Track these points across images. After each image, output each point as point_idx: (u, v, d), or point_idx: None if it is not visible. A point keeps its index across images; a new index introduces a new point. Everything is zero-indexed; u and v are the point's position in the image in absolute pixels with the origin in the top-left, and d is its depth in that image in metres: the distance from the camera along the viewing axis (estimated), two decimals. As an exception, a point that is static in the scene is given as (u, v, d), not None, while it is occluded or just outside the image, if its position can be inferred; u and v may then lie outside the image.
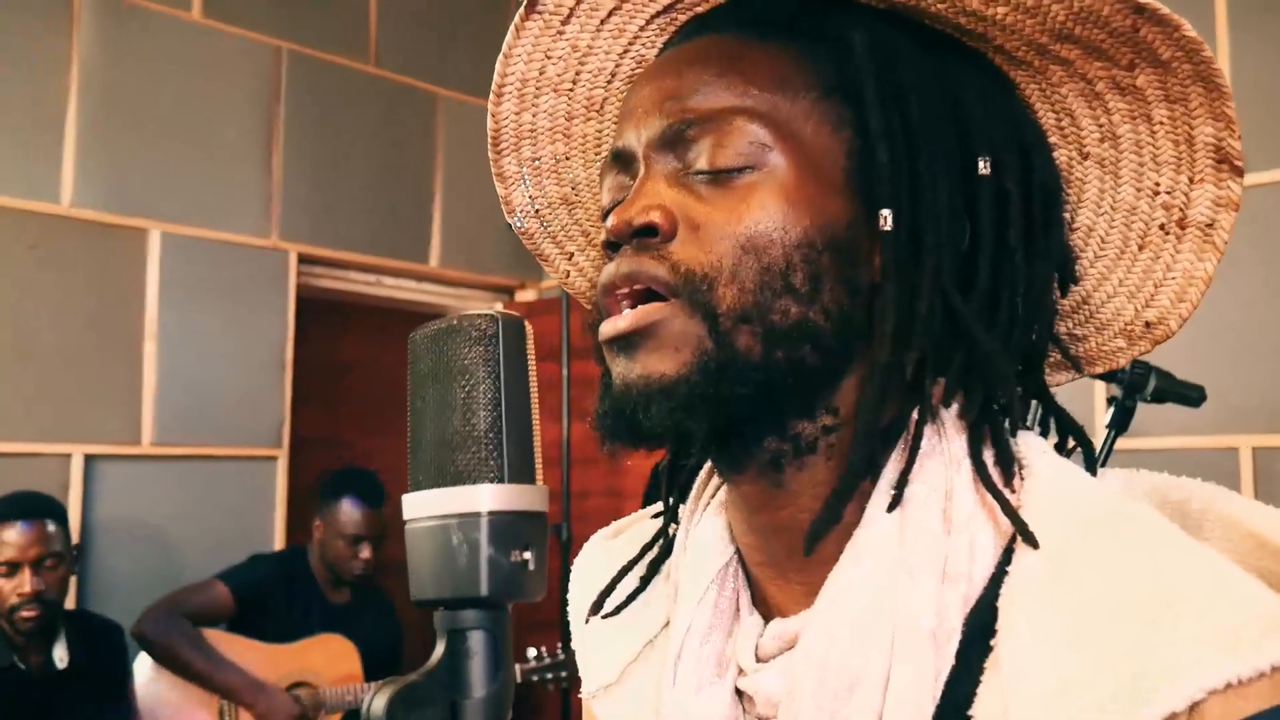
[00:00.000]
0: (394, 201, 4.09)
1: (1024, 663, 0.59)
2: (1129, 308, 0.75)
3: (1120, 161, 0.71)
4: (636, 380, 0.65)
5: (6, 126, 3.18)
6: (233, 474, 3.59)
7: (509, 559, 0.54)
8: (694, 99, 0.67)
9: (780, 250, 0.64)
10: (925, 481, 0.65)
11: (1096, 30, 0.65)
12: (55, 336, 3.24)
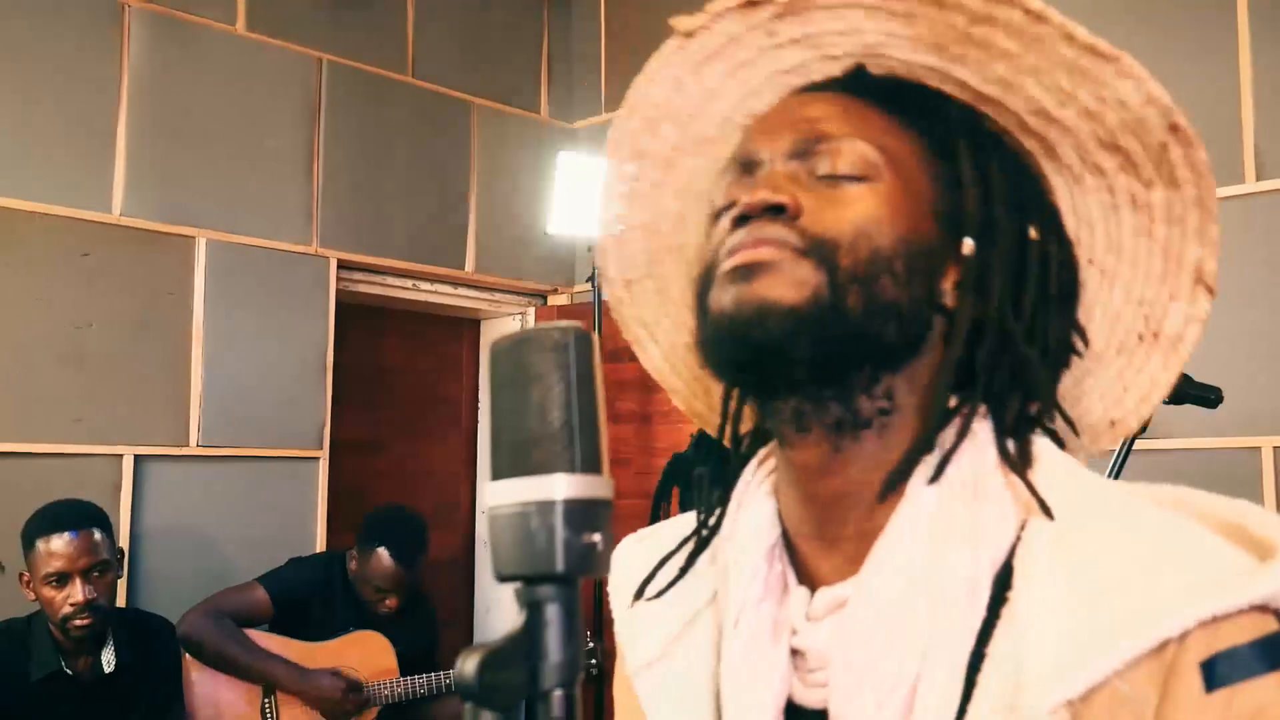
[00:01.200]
0: (430, 209, 4.19)
1: (1033, 611, 0.68)
2: (1098, 407, 0.84)
3: (1118, 272, 0.81)
4: (751, 299, 0.73)
5: (60, 138, 3.30)
6: (276, 474, 3.69)
7: (581, 540, 0.62)
8: (822, 124, 0.78)
9: (887, 240, 0.74)
10: (958, 463, 0.74)
11: (1135, 143, 0.75)
12: (106, 341, 3.35)
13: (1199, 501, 0.73)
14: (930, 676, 0.70)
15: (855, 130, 0.77)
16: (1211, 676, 0.64)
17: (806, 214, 0.74)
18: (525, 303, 4.63)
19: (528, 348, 0.65)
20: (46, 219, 3.25)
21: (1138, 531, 0.69)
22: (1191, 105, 2.59)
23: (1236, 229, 3.05)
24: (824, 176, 0.76)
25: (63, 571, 2.70)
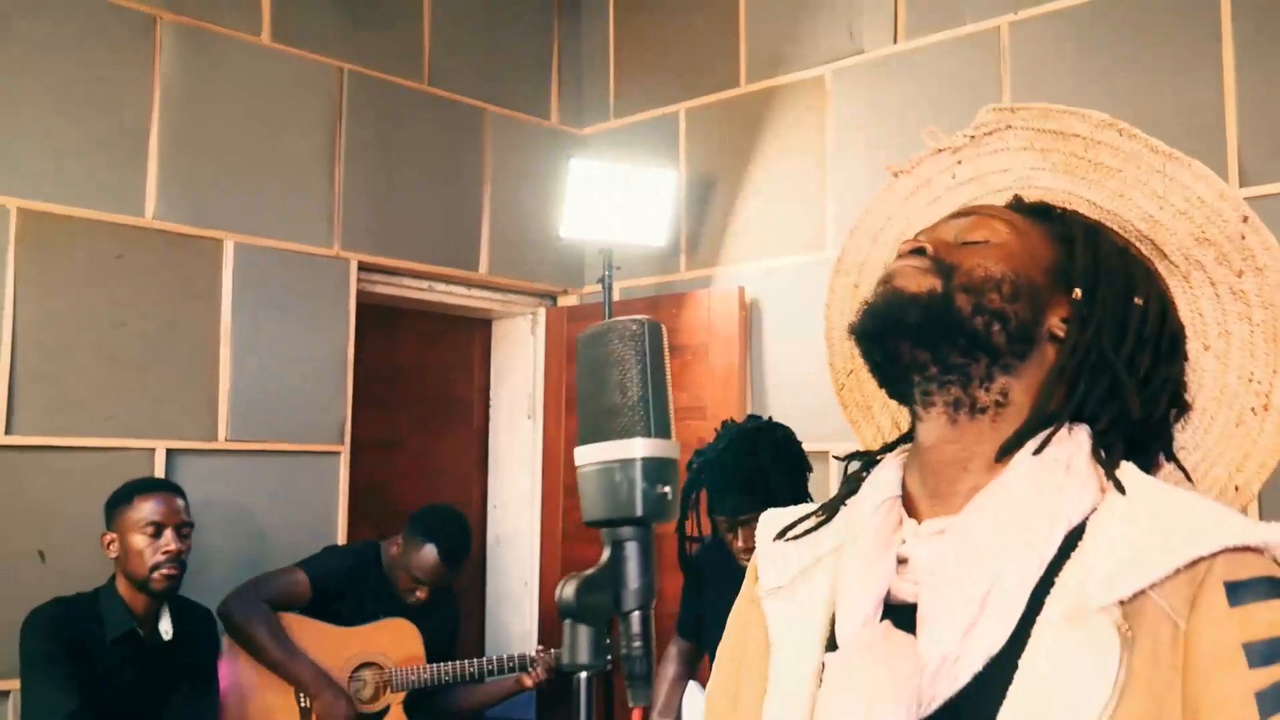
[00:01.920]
0: (446, 212, 4.34)
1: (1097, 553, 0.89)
2: (1224, 474, 1.03)
3: (1229, 354, 1.00)
4: (886, 291, 1.00)
5: (95, 145, 3.44)
6: (300, 468, 3.84)
7: (655, 490, 0.77)
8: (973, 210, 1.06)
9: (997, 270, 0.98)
10: (1057, 445, 0.95)
11: (1220, 234, 0.97)
12: (139, 340, 3.49)
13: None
14: (1000, 589, 0.89)
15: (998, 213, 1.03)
16: (1235, 595, 0.83)
17: (943, 252, 0.99)
18: (536, 303, 4.78)
19: (610, 336, 0.80)
20: (82, 222, 3.40)
21: (1184, 497, 0.91)
22: (1178, 115, 2.81)
23: (1220, 234, 3.20)
24: (964, 241, 1.01)
25: (159, 523, 2.99)
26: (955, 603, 0.90)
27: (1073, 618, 0.85)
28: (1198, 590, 0.83)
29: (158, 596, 3.03)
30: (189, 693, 3.12)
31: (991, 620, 0.89)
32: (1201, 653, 0.82)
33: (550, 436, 4.66)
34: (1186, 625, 0.83)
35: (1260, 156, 3.16)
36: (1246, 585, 0.83)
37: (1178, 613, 0.83)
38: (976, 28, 3.69)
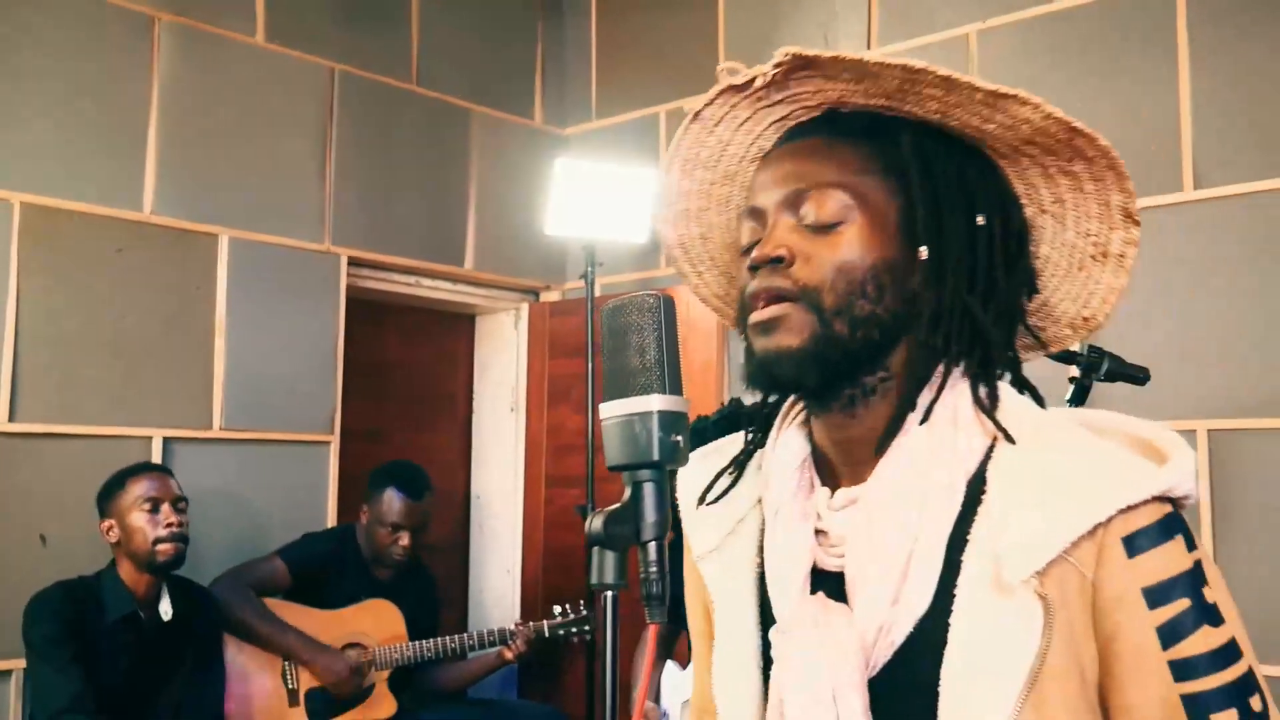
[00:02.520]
0: (432, 209, 4.46)
1: (1002, 505, 0.98)
2: (1073, 308, 1.14)
3: (1065, 216, 1.10)
4: (772, 348, 1.03)
5: (96, 142, 3.55)
6: (291, 456, 3.95)
7: (670, 438, 0.91)
8: (806, 178, 1.06)
9: (859, 272, 1.03)
10: (944, 406, 1.04)
11: (1049, 139, 1.03)
12: (138, 331, 3.60)
13: (1122, 423, 1.03)
14: (919, 551, 1.00)
15: (832, 175, 1.05)
16: (1130, 548, 0.94)
17: (799, 263, 1.03)
18: (519, 299, 4.91)
19: (630, 308, 0.94)
20: (84, 217, 3.50)
21: (1076, 451, 0.99)
22: (1136, 121, 3.00)
23: (1176, 232, 3.37)
24: (810, 225, 1.05)
25: (156, 499, 3.09)
26: (879, 571, 1.00)
27: (997, 585, 0.96)
28: (1100, 547, 0.94)
29: (163, 571, 3.11)
30: (192, 672, 3.21)
31: (915, 583, 0.99)
32: (1107, 599, 0.94)
33: (533, 429, 4.79)
34: (1093, 575, 0.94)
35: (1213, 161, 3.32)
36: (1140, 534, 0.94)
37: (1085, 565, 0.94)
38: (947, 35, 3.85)
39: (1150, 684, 0.93)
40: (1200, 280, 3.32)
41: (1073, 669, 0.94)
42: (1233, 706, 0.92)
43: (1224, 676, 0.92)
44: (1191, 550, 0.95)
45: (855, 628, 1.00)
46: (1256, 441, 3.21)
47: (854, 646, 1.00)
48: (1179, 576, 0.94)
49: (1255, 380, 3.22)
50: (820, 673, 1.01)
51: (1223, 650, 0.93)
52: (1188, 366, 3.31)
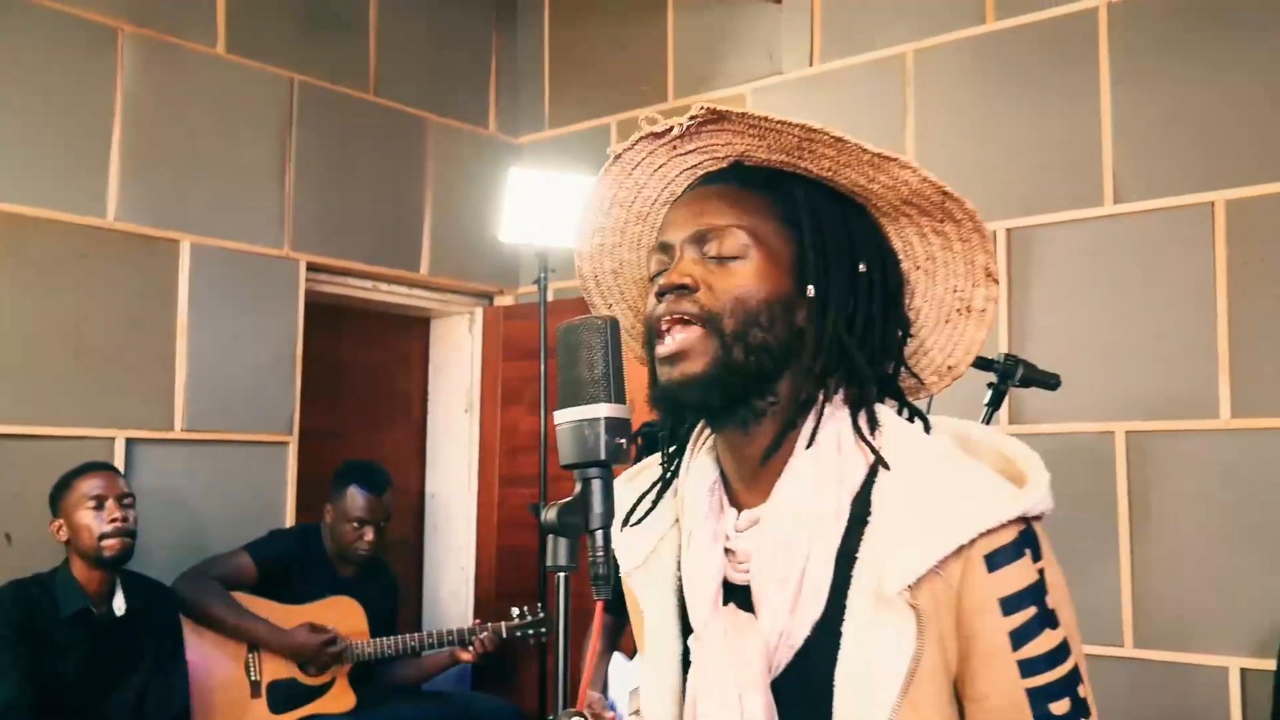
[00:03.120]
0: (389, 216, 4.58)
1: (884, 525, 1.13)
2: (940, 357, 1.30)
3: (936, 272, 1.26)
4: (678, 377, 1.16)
5: (61, 150, 3.63)
6: (251, 457, 4.06)
7: (614, 440, 1.05)
8: (711, 218, 1.20)
9: (755, 303, 1.16)
10: (827, 430, 1.18)
11: (924, 201, 1.18)
12: (101, 334, 3.69)
13: (992, 441, 1.19)
14: (811, 567, 1.14)
15: (734, 218, 1.19)
16: (990, 564, 1.09)
17: (702, 290, 1.17)
18: (473, 303, 5.04)
19: (581, 327, 1.09)
20: (49, 223, 3.59)
21: (946, 477, 1.14)
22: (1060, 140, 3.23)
23: (1098, 245, 3.57)
24: (713, 258, 1.18)
25: (101, 496, 3.18)
26: (778, 585, 1.15)
27: (879, 598, 1.10)
28: (964, 563, 1.09)
29: (111, 566, 3.19)
30: (154, 666, 3.30)
31: (809, 595, 1.14)
32: (969, 607, 1.09)
33: (486, 430, 4.92)
34: (958, 586, 1.09)
35: (1132, 177, 3.53)
36: (999, 552, 1.09)
37: (952, 578, 1.09)
38: (884, 53, 4.03)
39: (1001, 679, 1.09)
40: (1120, 290, 3.52)
41: (940, 668, 1.10)
42: (1066, 696, 1.08)
43: (1059, 672, 1.08)
44: (1037, 562, 1.10)
45: (759, 635, 1.15)
46: (1170, 442, 3.41)
47: (758, 652, 1.14)
48: (1028, 588, 1.09)
49: (1170, 385, 3.42)
50: (728, 675, 1.15)
51: (1058, 649, 1.09)
52: (1107, 372, 3.51)
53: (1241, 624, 3.21)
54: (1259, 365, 3.29)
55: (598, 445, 1.05)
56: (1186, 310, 3.40)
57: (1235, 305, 3.33)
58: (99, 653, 3.20)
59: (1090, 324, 3.56)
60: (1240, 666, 3.22)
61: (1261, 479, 3.25)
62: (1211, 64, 3.42)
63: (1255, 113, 3.35)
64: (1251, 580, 3.23)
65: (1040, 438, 3.58)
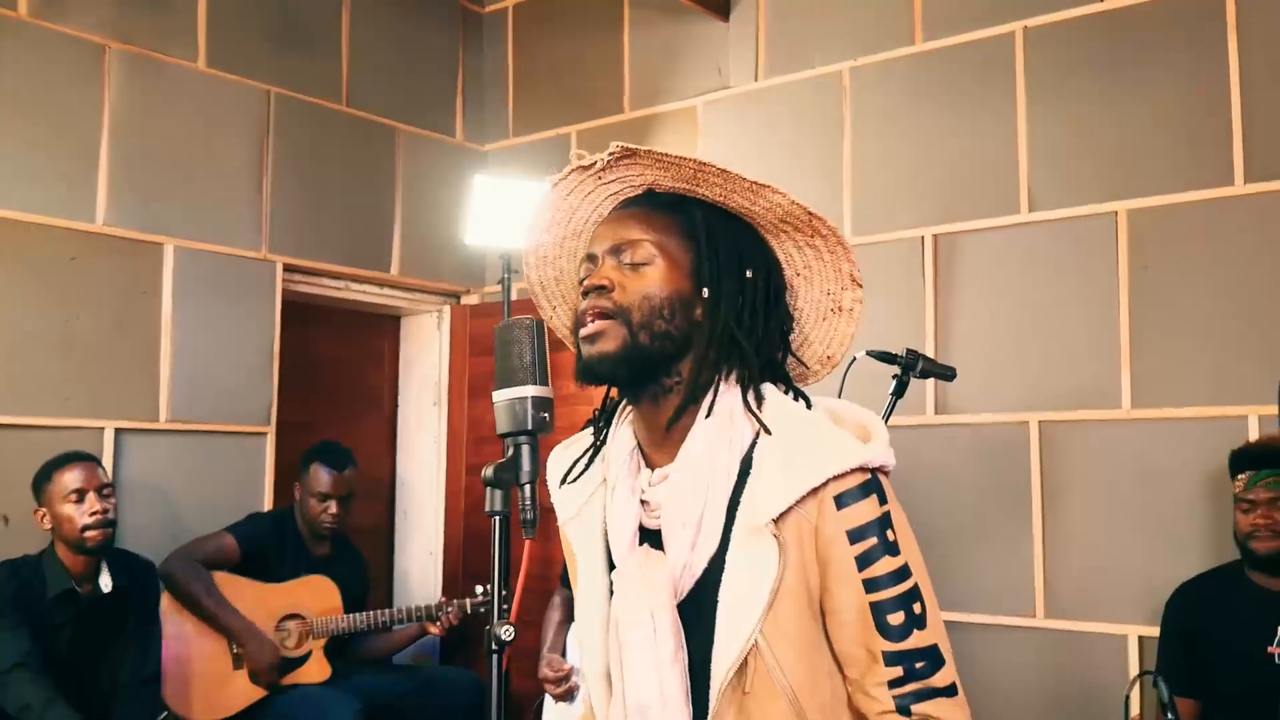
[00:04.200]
0: (361, 219, 4.86)
1: (761, 479, 1.42)
2: (820, 349, 1.61)
3: (812, 278, 1.56)
4: (595, 354, 1.45)
5: (51, 158, 3.89)
6: (231, 446, 4.33)
7: (540, 414, 1.35)
8: (626, 233, 1.49)
9: (659, 299, 1.45)
10: (721, 404, 1.47)
11: (796, 220, 1.48)
12: (91, 332, 3.95)
13: (854, 413, 1.49)
14: (708, 512, 1.44)
15: (644, 233, 1.48)
16: (839, 503, 1.39)
17: (616, 289, 1.45)
18: (441, 302, 5.31)
19: (514, 326, 1.38)
20: (41, 228, 3.85)
21: (809, 438, 1.43)
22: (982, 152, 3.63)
23: (1015, 250, 3.88)
24: (628, 264, 1.47)
25: (81, 489, 3.40)
26: (681, 527, 1.44)
27: (752, 531, 1.40)
28: (819, 503, 1.38)
29: (93, 554, 3.44)
30: (130, 640, 3.55)
31: (706, 534, 1.43)
32: (824, 539, 1.38)
33: (454, 421, 5.21)
34: (815, 522, 1.38)
35: (1045, 187, 3.84)
36: (846, 494, 1.38)
37: (809, 517, 1.38)
38: (823, 70, 4.34)
39: (850, 596, 1.39)
40: (1034, 291, 3.84)
41: (800, 589, 1.39)
42: (902, 610, 1.38)
43: (897, 590, 1.38)
44: (882, 505, 1.40)
45: (667, 567, 1.44)
46: (1078, 431, 3.73)
47: (666, 580, 1.44)
48: (871, 522, 1.39)
49: (1079, 378, 3.74)
50: (643, 600, 1.45)
51: (897, 573, 1.39)
52: (1022, 366, 3.83)
53: (1139, 596, 3.53)
54: (1155, 361, 3.61)
55: (526, 418, 1.35)
56: (1092, 310, 3.72)
57: (1135, 306, 3.65)
58: (85, 628, 3.45)
59: (1007, 322, 3.87)
60: (1138, 634, 3.54)
61: (1158, 464, 3.57)
62: (1115, 84, 3.74)
63: (1154, 129, 3.67)
64: (1148, 556, 3.55)
65: (963, 428, 3.90)
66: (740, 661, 1.38)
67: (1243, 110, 3.52)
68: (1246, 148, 3.51)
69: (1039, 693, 3.72)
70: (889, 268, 4.09)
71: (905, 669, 1.37)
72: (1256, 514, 3.07)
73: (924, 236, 4.05)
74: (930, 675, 1.38)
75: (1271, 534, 3.05)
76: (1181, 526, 3.51)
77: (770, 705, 1.38)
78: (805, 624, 1.39)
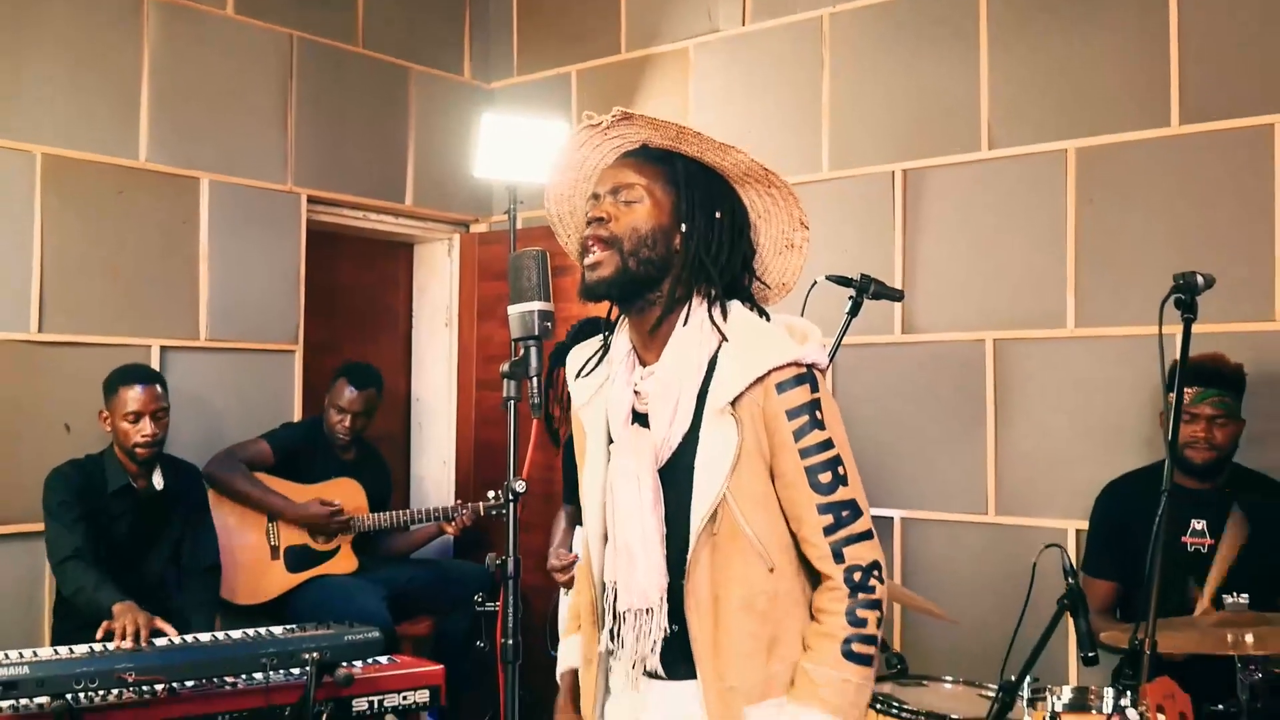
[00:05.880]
0: (378, 154, 5.24)
1: (722, 373, 1.85)
2: (779, 276, 2.03)
3: (770, 220, 1.98)
4: (595, 278, 1.87)
5: (99, 103, 4.27)
6: (263, 362, 4.76)
7: (545, 323, 1.77)
8: (623, 178, 1.90)
9: (645, 230, 1.87)
10: (695, 316, 1.90)
11: (756, 173, 1.90)
12: (138, 259, 4.36)
13: (803, 326, 1.91)
14: (682, 399, 1.87)
15: (636, 178, 1.89)
16: (779, 389, 1.82)
17: (612, 220, 1.87)
18: (452, 230, 5.71)
19: (524, 255, 1.79)
20: (91, 165, 4.24)
21: (758, 340, 1.85)
22: (944, 92, 4.08)
23: (973, 183, 4.27)
24: (623, 201, 1.89)
25: (139, 411, 3.80)
26: (663, 410, 1.86)
27: (717, 412, 1.82)
28: (764, 389, 1.81)
29: (142, 464, 3.87)
30: (182, 529, 4.00)
31: (680, 415, 1.85)
32: (769, 417, 1.81)
33: (464, 341, 5.64)
34: (762, 404, 1.81)
35: (1002, 127, 4.22)
36: (784, 382, 1.81)
37: (757, 400, 1.81)
38: (804, 16, 4.68)
39: (790, 461, 1.82)
40: (991, 222, 4.23)
41: (756, 455, 1.82)
42: (829, 471, 1.82)
43: (824, 456, 1.82)
44: (814, 392, 1.83)
45: (651, 441, 1.88)
46: (1028, 347, 4.13)
47: (650, 450, 1.88)
48: (804, 404, 1.82)
49: (1029, 301, 4.14)
50: (631, 465, 1.89)
51: (824, 443, 1.82)
52: (980, 290, 4.23)
53: (1078, 494, 3.94)
54: (1098, 285, 4.00)
55: (533, 325, 1.78)
56: (1042, 239, 4.11)
57: (1080, 236, 4.04)
58: (140, 520, 3.89)
59: (967, 250, 4.27)
60: (1075, 527, 3.98)
61: (1098, 377, 3.98)
62: (1069, 32, 4.09)
63: (1102, 75, 4.03)
64: (1085, 458, 3.97)
65: (926, 345, 4.32)
66: (713, 510, 1.81)
67: (1179, 58, 3.88)
68: (1182, 92, 3.87)
69: (989, 580, 4.17)
70: (863, 200, 4.47)
71: (835, 517, 1.81)
72: (1198, 426, 3.35)
73: (894, 171, 4.43)
74: (853, 522, 1.82)
75: (1208, 446, 3.36)
76: (1115, 432, 3.94)
77: (733, 543, 1.82)
78: (760, 484, 1.83)
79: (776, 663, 1.84)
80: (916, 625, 4.27)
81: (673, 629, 1.86)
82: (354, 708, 3.48)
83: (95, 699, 3.05)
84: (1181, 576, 3.32)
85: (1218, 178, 3.81)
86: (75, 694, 3.01)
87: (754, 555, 1.82)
